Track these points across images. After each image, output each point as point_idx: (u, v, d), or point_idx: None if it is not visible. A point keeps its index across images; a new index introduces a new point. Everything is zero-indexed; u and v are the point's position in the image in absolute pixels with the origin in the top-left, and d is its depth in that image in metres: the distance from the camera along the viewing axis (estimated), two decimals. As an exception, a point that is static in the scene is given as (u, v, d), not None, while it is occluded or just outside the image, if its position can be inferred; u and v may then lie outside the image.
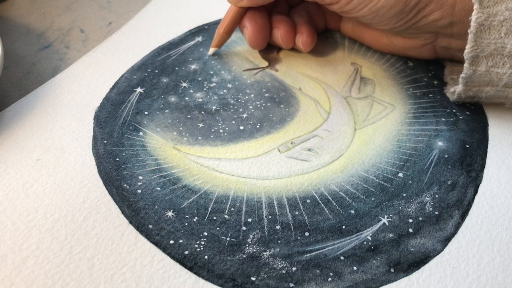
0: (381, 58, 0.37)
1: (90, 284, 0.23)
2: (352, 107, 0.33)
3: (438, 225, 0.26)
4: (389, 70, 0.36)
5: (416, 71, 0.36)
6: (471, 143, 0.30)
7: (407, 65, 0.36)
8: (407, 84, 0.35)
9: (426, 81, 0.35)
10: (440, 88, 0.34)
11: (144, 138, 0.30)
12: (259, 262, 0.24)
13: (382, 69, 0.36)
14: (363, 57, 0.37)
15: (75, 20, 0.40)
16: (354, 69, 0.36)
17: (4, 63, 0.34)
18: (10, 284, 0.22)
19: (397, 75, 0.36)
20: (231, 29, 0.35)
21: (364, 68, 0.36)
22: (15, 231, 0.24)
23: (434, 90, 0.34)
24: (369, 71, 0.36)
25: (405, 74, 0.36)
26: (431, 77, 0.35)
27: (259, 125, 0.31)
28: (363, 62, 0.37)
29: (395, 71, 0.36)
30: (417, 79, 0.35)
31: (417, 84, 0.35)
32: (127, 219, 0.25)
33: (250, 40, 0.35)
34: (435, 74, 0.36)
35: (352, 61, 0.37)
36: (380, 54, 0.37)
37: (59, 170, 0.28)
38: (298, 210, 0.26)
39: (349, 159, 0.29)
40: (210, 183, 0.28)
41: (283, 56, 0.37)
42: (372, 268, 0.24)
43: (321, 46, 0.38)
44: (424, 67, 0.36)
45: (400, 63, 0.36)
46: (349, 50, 0.38)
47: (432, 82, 0.35)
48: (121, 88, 0.33)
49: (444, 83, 0.35)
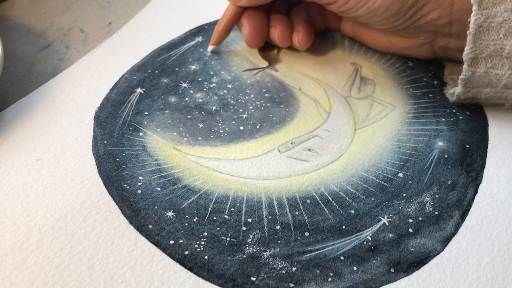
0: (381, 58, 0.37)
1: (90, 284, 0.23)
2: (352, 107, 0.33)
3: (438, 225, 0.26)
4: (389, 70, 0.36)
5: (416, 71, 0.36)
6: (471, 143, 0.30)
7: (407, 65, 0.36)
8: (407, 84, 0.35)
9: (426, 81, 0.35)
10: (440, 88, 0.34)
11: (144, 139, 0.30)
12: (259, 262, 0.24)
13: (382, 69, 0.36)
14: (363, 57, 0.37)
15: (75, 20, 0.40)
16: (354, 69, 0.36)
17: (4, 63, 0.34)
18: (10, 284, 0.22)
19: (397, 75, 0.36)
20: (230, 27, 0.35)
21: (364, 68, 0.36)
22: (15, 231, 0.25)
23: (434, 90, 0.34)
24: (369, 71, 0.36)
25: (405, 74, 0.36)
26: (431, 77, 0.35)
27: (259, 125, 0.31)
28: (363, 62, 0.37)
29: (395, 71, 0.36)
30: (417, 79, 0.35)
31: (417, 84, 0.35)
32: (127, 219, 0.25)
33: (247, 38, 0.35)
34: (435, 74, 0.36)
35: (352, 61, 0.37)
36: (380, 54, 0.37)
37: (59, 170, 0.28)
38: (298, 210, 0.26)
39: (349, 159, 0.29)
40: (210, 183, 0.28)
41: (283, 56, 0.37)
42: (372, 268, 0.24)
43: (321, 46, 0.38)
44: (424, 67, 0.36)
45: (400, 63, 0.36)
46: (349, 50, 0.38)
47: (432, 82, 0.35)
48: (121, 88, 0.33)
49: (444, 83, 0.35)
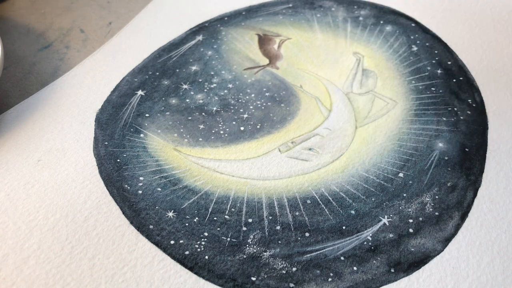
0: (383, 45, 0.36)
1: (91, 284, 0.23)
2: (353, 104, 0.33)
3: (438, 226, 0.26)
4: (392, 58, 0.35)
5: (419, 58, 0.35)
6: (471, 147, 0.30)
7: (411, 51, 0.36)
8: (409, 76, 0.34)
9: (430, 70, 0.35)
10: (443, 79, 0.34)
11: (145, 140, 0.30)
12: (259, 262, 0.24)
13: (384, 57, 0.36)
14: (366, 44, 0.36)
15: (75, 20, 0.40)
16: (356, 59, 0.36)
17: (4, 63, 0.35)
18: (11, 283, 0.22)
19: (400, 64, 0.35)
20: None
21: (366, 57, 0.36)
22: (16, 231, 0.25)
23: (436, 83, 0.34)
24: (371, 61, 0.35)
25: (408, 63, 0.35)
26: (435, 64, 0.35)
27: (260, 125, 0.31)
28: (365, 50, 0.36)
29: (398, 60, 0.35)
30: (420, 68, 0.35)
31: (420, 75, 0.34)
32: (128, 220, 0.26)
33: None
34: (439, 60, 0.35)
35: (354, 50, 0.36)
36: (383, 39, 0.37)
37: (61, 171, 0.28)
38: (298, 210, 0.27)
39: (350, 159, 0.29)
40: (210, 184, 0.28)
41: (284, 51, 0.37)
42: (372, 268, 0.24)
43: (322, 34, 0.37)
44: (428, 52, 0.35)
45: (403, 49, 0.36)
46: (351, 37, 0.37)
47: (436, 71, 0.35)
48: (122, 90, 0.33)
49: (448, 73, 0.34)
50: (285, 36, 0.38)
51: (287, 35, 0.38)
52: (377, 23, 0.37)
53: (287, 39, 0.38)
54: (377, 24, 0.38)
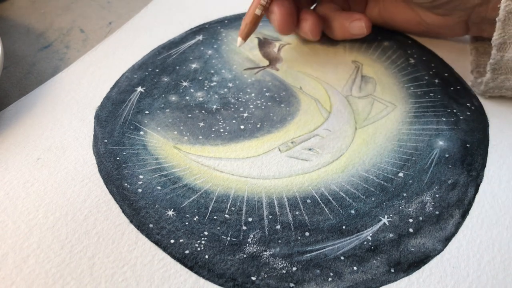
0: (382, 56, 0.37)
1: (91, 283, 0.23)
2: (353, 106, 0.33)
3: (439, 225, 0.26)
4: (390, 68, 0.36)
5: (417, 68, 0.36)
6: (472, 142, 0.30)
7: (408, 63, 0.36)
8: (408, 83, 0.35)
9: (427, 80, 0.35)
10: (441, 87, 0.34)
11: (145, 138, 0.30)
12: (259, 262, 0.24)
13: (383, 66, 0.36)
14: (364, 54, 0.37)
15: (75, 20, 0.40)
16: (355, 67, 0.36)
17: (4, 63, 0.34)
18: (11, 283, 0.22)
19: (398, 73, 0.36)
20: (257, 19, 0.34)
21: (365, 66, 0.36)
22: (15, 230, 0.25)
23: (435, 89, 0.34)
24: (370, 69, 0.36)
25: (406, 72, 0.36)
26: (432, 75, 0.35)
27: (260, 124, 0.31)
28: (364, 60, 0.37)
29: (396, 69, 0.36)
30: (418, 77, 0.35)
31: (418, 83, 0.35)
32: (127, 218, 0.25)
33: (280, 24, 0.34)
34: (436, 72, 0.36)
35: (353, 59, 0.37)
36: (381, 51, 0.37)
37: (60, 169, 0.28)
38: (298, 210, 0.26)
39: (350, 159, 0.29)
40: (210, 183, 0.28)
41: (284, 55, 0.37)
42: (372, 268, 0.24)
43: (322, 44, 0.38)
44: (425, 65, 0.36)
45: (401, 60, 0.37)
46: (350, 47, 0.38)
47: (433, 81, 0.35)
48: (121, 87, 0.33)
49: (445, 82, 0.35)
50: (285, 41, 0.38)
51: (286, 42, 0.38)
52: (375, 38, 0.39)
53: (286, 44, 0.38)
54: (375, 40, 0.38)
